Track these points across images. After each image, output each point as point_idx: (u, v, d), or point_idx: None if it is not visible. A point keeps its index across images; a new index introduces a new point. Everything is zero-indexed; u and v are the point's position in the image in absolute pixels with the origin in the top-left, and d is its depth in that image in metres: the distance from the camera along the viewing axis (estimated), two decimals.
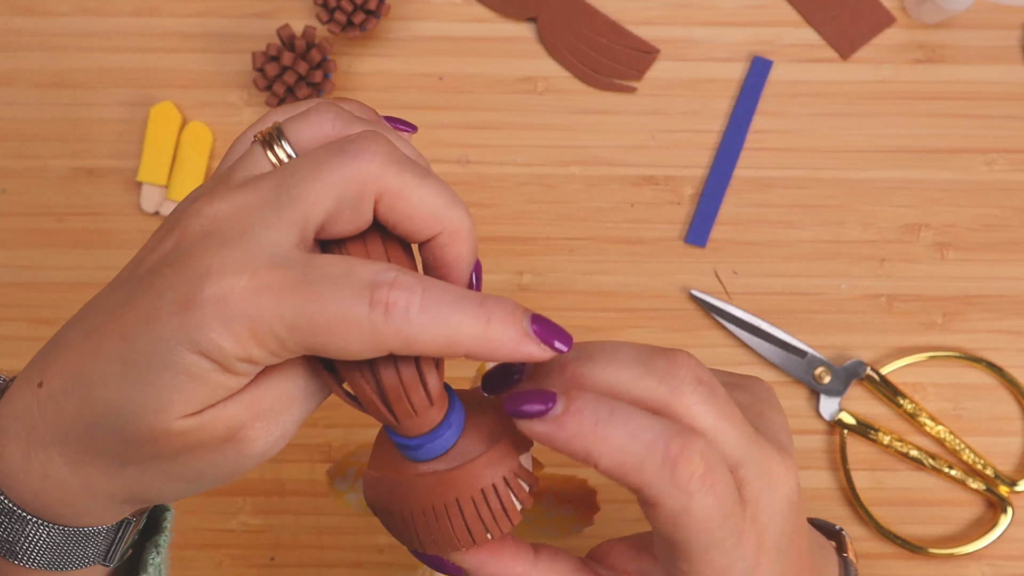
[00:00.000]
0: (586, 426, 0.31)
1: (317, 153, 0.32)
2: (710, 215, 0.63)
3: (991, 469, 0.61)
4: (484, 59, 0.64)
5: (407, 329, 0.29)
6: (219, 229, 0.31)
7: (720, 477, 0.32)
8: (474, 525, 0.32)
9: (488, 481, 0.32)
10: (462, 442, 0.32)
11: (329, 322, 0.29)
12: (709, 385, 0.33)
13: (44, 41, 0.64)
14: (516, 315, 0.31)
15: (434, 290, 0.30)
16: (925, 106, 0.64)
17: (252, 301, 0.30)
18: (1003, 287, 0.63)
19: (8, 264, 0.63)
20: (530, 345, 0.31)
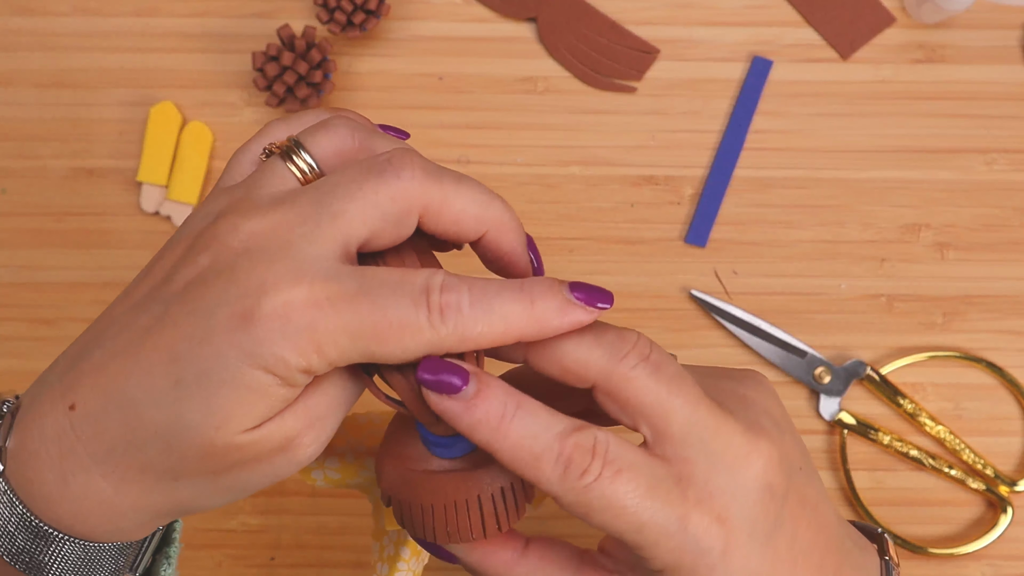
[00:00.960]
0: (492, 417, 0.32)
1: (354, 171, 0.33)
2: (710, 215, 0.63)
3: (991, 469, 0.61)
4: (484, 59, 0.64)
5: (462, 326, 0.31)
6: (262, 245, 0.32)
7: (626, 464, 0.33)
8: (489, 520, 0.34)
9: (507, 480, 0.34)
10: None
11: (392, 329, 0.31)
12: (656, 363, 0.34)
13: (44, 41, 0.64)
14: (555, 288, 0.33)
15: (478, 285, 0.32)
16: (925, 106, 0.64)
17: (314, 313, 0.31)
18: (1003, 287, 0.63)
19: (8, 264, 0.63)
20: (576, 312, 0.33)
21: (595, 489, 0.32)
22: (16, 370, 0.63)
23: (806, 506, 0.36)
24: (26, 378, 0.63)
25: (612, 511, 0.33)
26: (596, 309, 0.33)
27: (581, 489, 0.32)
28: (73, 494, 0.34)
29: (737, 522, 0.34)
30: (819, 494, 0.37)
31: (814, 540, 0.36)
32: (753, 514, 0.34)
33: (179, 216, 0.63)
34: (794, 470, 0.36)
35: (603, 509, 0.33)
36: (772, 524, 0.34)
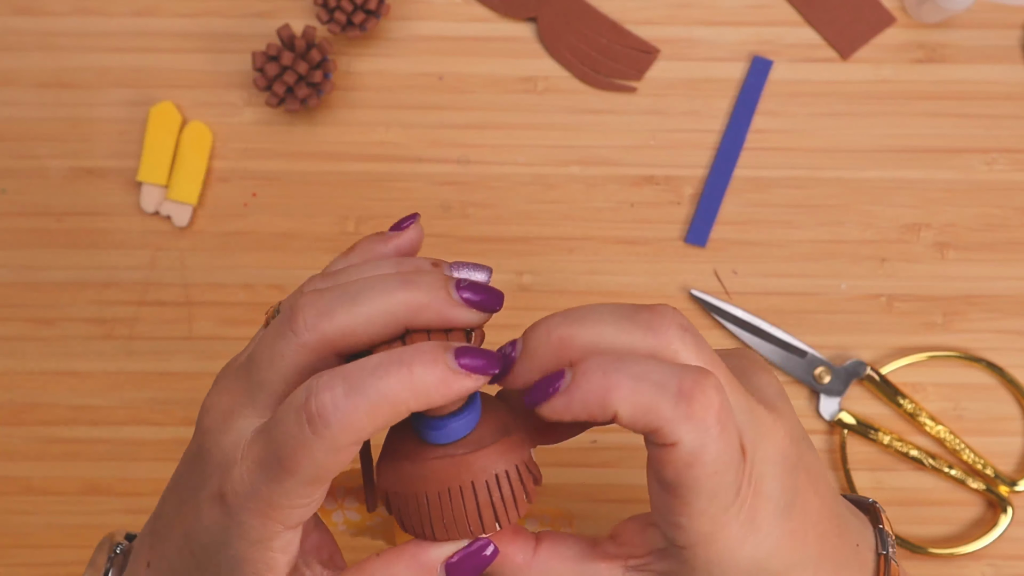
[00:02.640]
0: (595, 382, 0.32)
1: (270, 331, 0.34)
2: (710, 215, 0.63)
3: (991, 469, 0.61)
4: (484, 59, 0.64)
5: (344, 421, 0.31)
6: (214, 424, 0.34)
7: (731, 417, 0.32)
8: (485, 511, 0.33)
9: (502, 467, 0.33)
10: (478, 430, 0.34)
11: (292, 454, 0.31)
12: (694, 333, 0.34)
13: (44, 41, 0.64)
14: (438, 355, 0.31)
15: (356, 371, 0.31)
16: (925, 106, 0.64)
17: (248, 480, 0.32)
18: (1003, 287, 0.63)
19: (8, 264, 0.64)
20: (460, 380, 0.31)
21: (713, 435, 0.31)
22: (16, 370, 0.63)
23: (811, 475, 0.36)
24: (26, 378, 0.63)
25: (714, 464, 0.32)
26: (483, 376, 0.32)
27: (705, 431, 0.31)
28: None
29: (765, 491, 0.34)
30: (820, 464, 0.37)
31: (820, 510, 0.36)
32: (778, 486, 0.34)
33: (179, 216, 0.63)
34: (800, 441, 0.36)
35: (713, 460, 0.32)
36: (791, 496, 0.35)
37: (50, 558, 0.63)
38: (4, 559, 0.63)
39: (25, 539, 0.63)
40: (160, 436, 0.63)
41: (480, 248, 0.63)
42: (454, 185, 0.63)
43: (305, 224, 0.63)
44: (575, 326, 0.33)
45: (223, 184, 0.64)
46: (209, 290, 0.63)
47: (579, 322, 0.33)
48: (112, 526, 0.63)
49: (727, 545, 0.33)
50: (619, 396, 0.31)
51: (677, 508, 0.33)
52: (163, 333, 0.63)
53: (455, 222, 0.63)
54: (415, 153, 0.64)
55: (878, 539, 0.39)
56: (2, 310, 0.63)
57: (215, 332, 0.63)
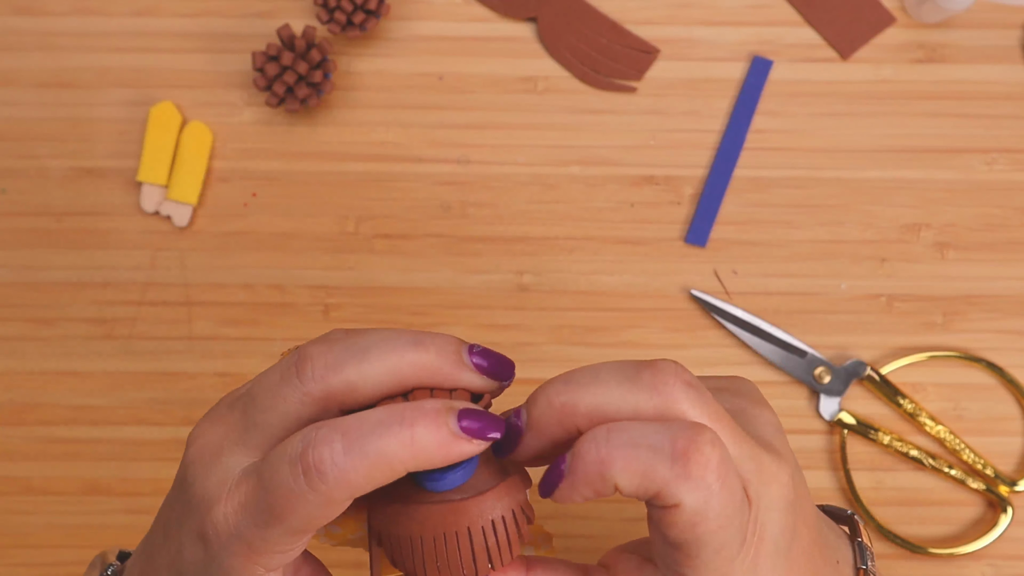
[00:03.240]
0: (591, 458, 0.31)
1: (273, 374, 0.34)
2: (710, 215, 0.63)
3: (991, 469, 0.61)
4: (484, 59, 0.64)
5: (340, 477, 0.30)
6: (199, 457, 0.34)
7: (731, 469, 0.32)
8: (480, 554, 0.33)
9: (499, 513, 0.33)
10: (475, 475, 0.34)
11: (283, 503, 0.31)
12: (697, 388, 0.33)
13: (44, 41, 0.64)
14: (439, 419, 0.31)
15: (354, 427, 0.31)
16: (925, 106, 0.64)
17: (235, 523, 0.32)
18: (1003, 287, 0.63)
19: (8, 264, 0.64)
20: (461, 445, 0.31)
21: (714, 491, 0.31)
22: (16, 370, 0.63)
23: (802, 506, 0.36)
24: (27, 378, 0.63)
25: (719, 520, 0.32)
26: (484, 440, 0.31)
27: (706, 489, 0.31)
28: None
29: (768, 535, 0.34)
30: (806, 488, 0.37)
31: (810, 538, 0.36)
32: (779, 527, 0.34)
33: (179, 216, 0.63)
34: (796, 476, 0.36)
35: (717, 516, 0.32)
36: (790, 535, 0.35)
37: (50, 558, 0.63)
38: (4, 559, 0.63)
39: (25, 539, 0.63)
40: (160, 436, 0.63)
41: (480, 248, 0.63)
42: (454, 185, 0.63)
43: (305, 224, 0.63)
44: (577, 391, 0.33)
45: (223, 184, 0.64)
46: (209, 290, 0.63)
47: (581, 387, 0.33)
48: (112, 526, 0.63)
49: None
50: (617, 468, 0.31)
51: (683, 562, 0.33)
52: (163, 333, 0.63)
53: (455, 222, 0.63)
54: (415, 153, 0.64)
55: (857, 553, 0.39)
56: (2, 310, 0.63)
57: (215, 332, 0.63)
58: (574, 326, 0.63)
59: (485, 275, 0.63)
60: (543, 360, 0.63)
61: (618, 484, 0.31)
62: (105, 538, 0.63)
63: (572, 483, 0.32)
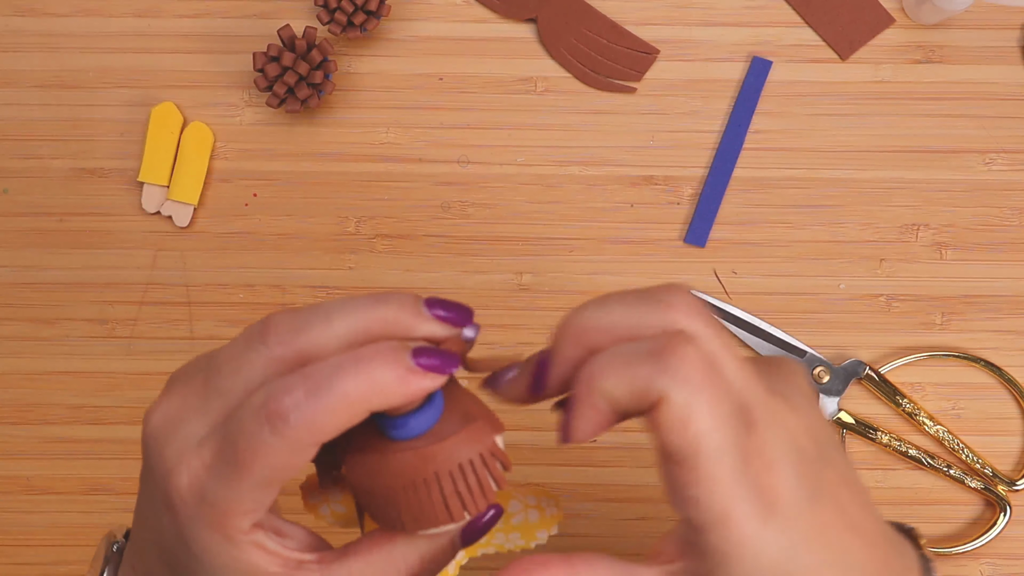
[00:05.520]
0: (584, 377, 0.32)
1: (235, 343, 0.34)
2: (710, 215, 0.63)
3: (990, 468, 0.62)
4: (484, 59, 0.64)
5: (304, 422, 0.31)
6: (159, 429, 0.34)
7: (721, 377, 0.32)
8: (452, 500, 0.33)
9: (465, 456, 0.33)
10: (440, 422, 0.34)
11: (251, 457, 0.31)
12: (707, 314, 0.33)
13: (45, 42, 0.64)
14: (397, 354, 0.31)
15: (313, 372, 0.31)
16: (924, 106, 0.64)
17: (196, 486, 0.32)
18: (1002, 287, 0.63)
19: (9, 264, 0.64)
20: (419, 379, 0.31)
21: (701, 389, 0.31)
22: (16, 370, 0.63)
23: (848, 485, 0.35)
24: (27, 378, 0.63)
25: (707, 421, 0.31)
26: (440, 374, 0.32)
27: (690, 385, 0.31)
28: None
29: (781, 477, 0.32)
30: (854, 474, 0.36)
31: (864, 520, 0.35)
32: (793, 473, 0.33)
33: (180, 216, 0.63)
34: (823, 442, 0.35)
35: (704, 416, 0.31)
36: (813, 487, 0.33)
37: (50, 558, 0.63)
38: (4, 558, 0.63)
39: (25, 539, 0.63)
40: None
41: (480, 248, 0.63)
42: (454, 185, 0.64)
43: (305, 224, 0.64)
44: (593, 312, 0.33)
45: (224, 184, 0.64)
46: (210, 290, 0.63)
47: (597, 307, 0.34)
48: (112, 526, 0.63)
49: (746, 526, 0.32)
50: (605, 378, 0.32)
51: (683, 478, 0.32)
52: (164, 333, 0.63)
53: (455, 222, 0.63)
54: (415, 153, 0.64)
55: (923, 567, 0.38)
56: (3, 310, 0.64)
57: (216, 332, 0.63)
58: None
59: (485, 275, 0.63)
60: None
61: (612, 393, 0.32)
62: None
63: (576, 411, 0.32)
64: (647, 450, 0.63)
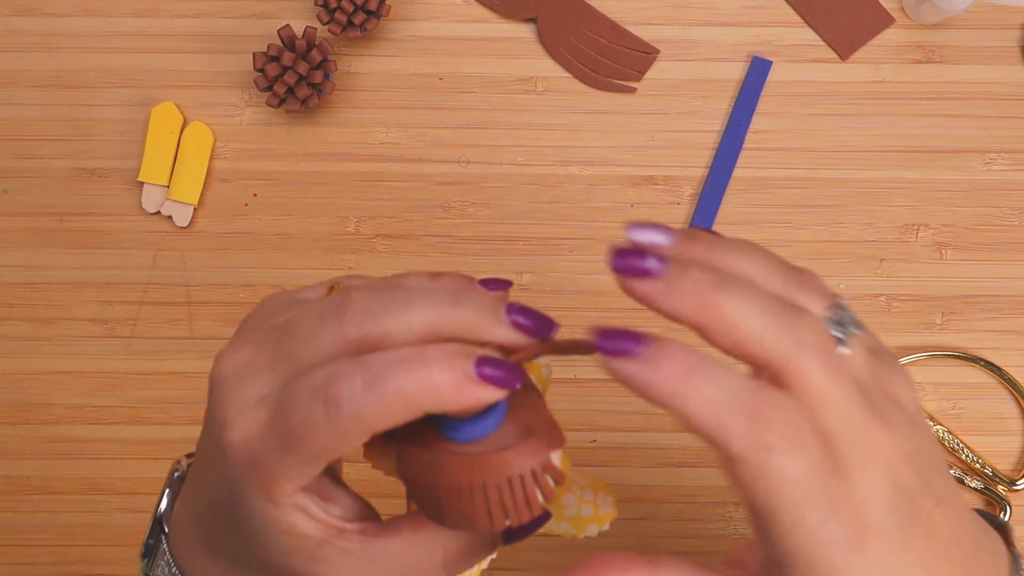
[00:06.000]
0: (676, 372, 0.30)
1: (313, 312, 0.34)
2: (710, 215, 0.63)
3: (990, 468, 0.62)
4: (484, 59, 0.64)
5: (357, 413, 0.31)
6: (226, 376, 0.34)
7: (806, 437, 0.31)
8: (495, 510, 0.33)
9: (516, 471, 0.33)
10: (500, 431, 0.34)
11: (302, 430, 0.31)
12: (830, 352, 0.32)
13: (45, 42, 0.64)
14: (459, 360, 0.31)
15: (373, 364, 0.31)
16: (924, 106, 0.64)
17: (253, 446, 0.32)
18: (1002, 287, 0.63)
19: (9, 264, 0.64)
20: (476, 390, 0.31)
21: (775, 453, 0.30)
22: (16, 370, 0.63)
23: (945, 505, 0.34)
24: (27, 378, 0.63)
25: (785, 480, 0.30)
26: (500, 388, 0.31)
27: (764, 450, 0.30)
28: (197, 565, 0.38)
29: (876, 518, 0.32)
30: (952, 487, 0.35)
31: (954, 536, 0.34)
32: (887, 512, 0.32)
33: (180, 216, 0.63)
34: (926, 468, 0.34)
35: (781, 476, 0.30)
36: (908, 523, 0.32)
37: (50, 558, 0.63)
38: (4, 559, 0.63)
39: (25, 539, 0.63)
40: (160, 436, 0.63)
41: (480, 248, 0.63)
42: (454, 185, 0.64)
43: (305, 224, 0.64)
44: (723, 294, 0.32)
45: (224, 184, 0.64)
46: (210, 290, 0.63)
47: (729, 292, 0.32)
48: (112, 525, 0.63)
49: (834, 559, 0.31)
50: (693, 397, 0.30)
51: (765, 522, 0.31)
52: (164, 333, 0.63)
53: (455, 222, 0.63)
54: (415, 153, 0.64)
55: (1012, 562, 0.37)
56: (3, 310, 0.64)
57: (216, 332, 0.63)
58: (574, 326, 0.63)
59: (485, 275, 0.63)
60: None
61: (687, 409, 0.30)
62: (105, 538, 0.63)
63: (642, 375, 0.31)
64: (647, 450, 0.63)
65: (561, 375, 0.63)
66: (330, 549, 0.34)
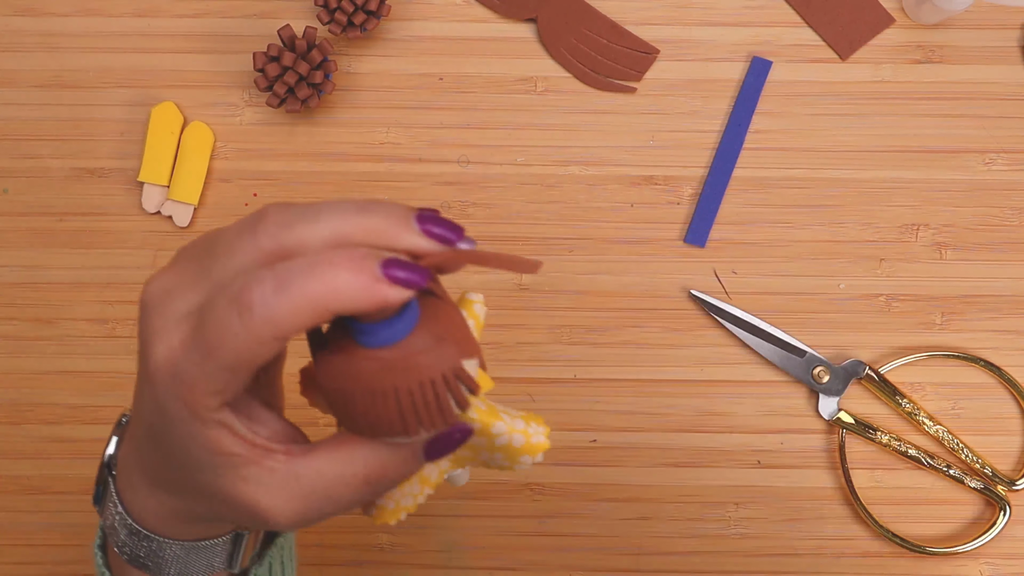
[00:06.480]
0: None
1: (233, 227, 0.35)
2: (710, 215, 0.63)
3: (989, 468, 0.62)
4: (484, 59, 0.64)
5: (268, 314, 0.31)
6: (151, 300, 0.35)
7: None
8: (408, 415, 0.34)
9: (427, 375, 0.33)
10: (412, 338, 0.34)
11: (219, 338, 0.32)
12: None
13: (45, 41, 0.64)
14: (366, 262, 0.32)
15: (283, 269, 0.32)
16: (924, 106, 0.64)
17: (171, 359, 0.33)
18: (1002, 287, 0.63)
19: (9, 264, 0.64)
20: (383, 289, 0.32)
21: None
22: (16, 370, 0.63)
23: None
24: (27, 378, 0.63)
25: None
26: (406, 287, 0.32)
27: None
28: (138, 500, 0.39)
29: None
30: None
31: None
32: None
33: (180, 216, 0.63)
34: None
35: None
36: None
37: (50, 557, 0.63)
38: (4, 558, 0.63)
39: (25, 538, 0.63)
40: None
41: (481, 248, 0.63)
42: (454, 185, 0.64)
43: None
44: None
45: (224, 184, 0.64)
46: None
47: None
48: None
49: None
50: None
51: None
52: None
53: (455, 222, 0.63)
54: (415, 153, 0.64)
55: None
56: (3, 310, 0.64)
57: None
58: (574, 326, 0.63)
59: (485, 275, 0.63)
60: (543, 360, 0.63)
61: None
62: None
63: None
64: (647, 450, 0.63)
65: (561, 375, 0.63)
66: (256, 468, 0.35)
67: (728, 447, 0.63)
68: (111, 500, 0.40)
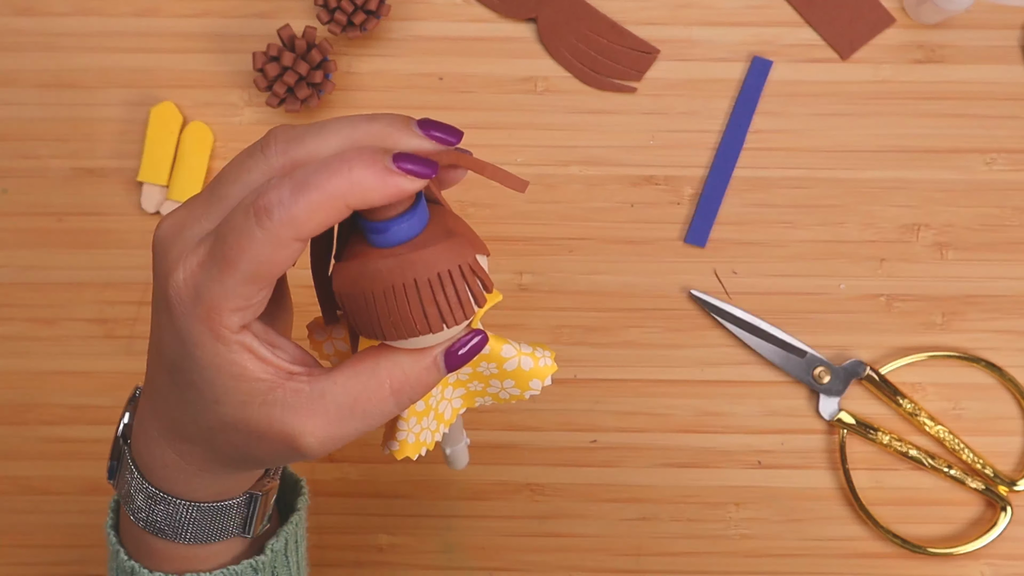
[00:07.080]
0: None
1: (242, 154, 0.36)
2: (710, 215, 0.63)
3: (990, 469, 0.61)
4: (484, 59, 0.64)
5: (287, 214, 0.32)
6: (165, 235, 0.36)
7: None
8: (429, 308, 0.34)
9: (444, 266, 0.34)
10: (425, 234, 0.35)
11: (237, 246, 0.33)
12: None
13: (45, 41, 0.64)
14: (377, 156, 0.33)
15: (299, 173, 0.33)
16: (925, 106, 0.64)
17: (190, 283, 0.34)
18: (1002, 287, 0.63)
19: (8, 264, 0.64)
20: (397, 180, 0.33)
21: None
22: (16, 370, 0.63)
23: None
24: (27, 378, 0.63)
25: None
26: (419, 177, 0.33)
27: None
28: (156, 459, 0.39)
29: None
30: None
31: None
32: None
33: None
34: None
35: None
36: None
37: (50, 558, 0.63)
38: (4, 559, 0.63)
39: (25, 539, 0.63)
40: None
41: None
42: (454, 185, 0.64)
43: None
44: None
45: None
46: None
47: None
48: None
49: None
50: None
51: None
52: None
53: None
54: None
55: None
56: (2, 310, 0.64)
57: None
58: (574, 326, 0.63)
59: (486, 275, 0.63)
60: None
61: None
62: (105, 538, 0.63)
63: None
64: (647, 450, 0.63)
65: (561, 375, 0.63)
66: (282, 391, 0.35)
67: (728, 447, 0.63)
68: (127, 469, 0.41)
